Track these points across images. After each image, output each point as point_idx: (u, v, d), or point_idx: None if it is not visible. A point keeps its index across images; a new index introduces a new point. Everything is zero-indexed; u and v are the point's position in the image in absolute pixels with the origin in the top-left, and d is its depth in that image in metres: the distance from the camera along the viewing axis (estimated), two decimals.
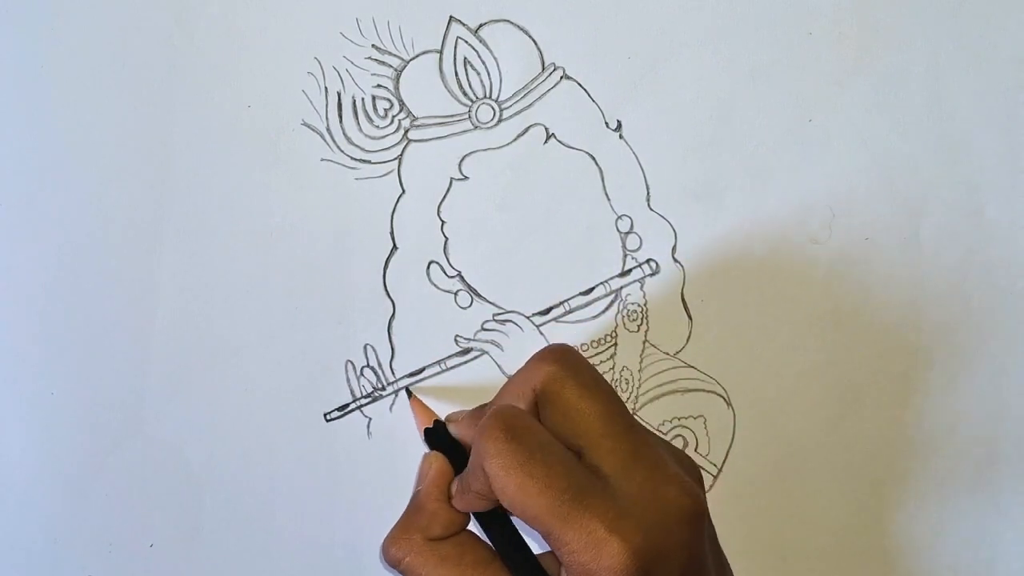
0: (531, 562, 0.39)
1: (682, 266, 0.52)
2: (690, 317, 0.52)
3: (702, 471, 0.44)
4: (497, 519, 0.41)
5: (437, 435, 0.45)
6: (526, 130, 0.51)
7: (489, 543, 0.41)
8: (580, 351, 0.49)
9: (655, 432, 0.50)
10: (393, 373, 0.51)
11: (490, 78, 0.51)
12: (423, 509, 0.41)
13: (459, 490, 0.41)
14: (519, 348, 0.51)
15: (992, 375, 0.52)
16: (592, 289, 0.51)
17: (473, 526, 0.42)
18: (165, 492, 0.51)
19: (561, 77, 0.51)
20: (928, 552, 0.53)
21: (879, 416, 0.52)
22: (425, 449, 0.45)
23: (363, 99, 0.50)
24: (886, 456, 0.52)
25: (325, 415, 0.51)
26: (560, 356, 0.39)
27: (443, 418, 0.46)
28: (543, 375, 0.39)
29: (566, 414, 0.38)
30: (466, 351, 0.51)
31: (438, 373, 0.51)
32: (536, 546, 0.41)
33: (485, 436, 0.37)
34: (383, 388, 0.51)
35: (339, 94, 0.50)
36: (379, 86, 0.50)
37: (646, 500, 0.36)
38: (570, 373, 0.39)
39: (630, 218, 0.51)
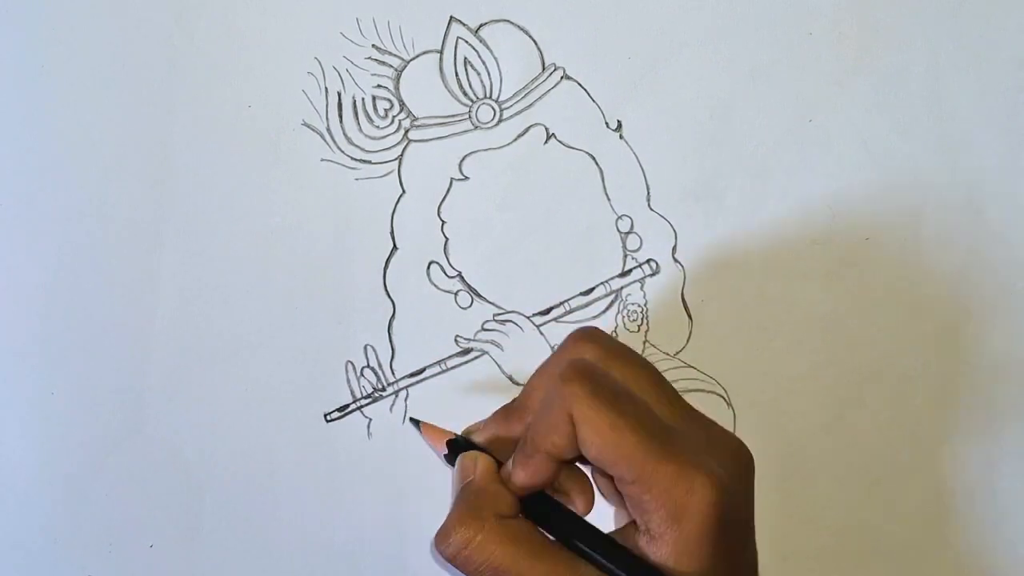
0: (604, 536, 0.38)
1: (682, 266, 0.52)
2: (690, 317, 0.52)
3: None
4: (553, 505, 0.40)
5: (462, 446, 0.44)
6: (526, 130, 0.51)
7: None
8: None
9: None
10: (393, 373, 0.51)
11: (490, 78, 0.51)
12: (485, 491, 0.40)
13: (520, 461, 0.40)
14: (519, 348, 0.51)
15: (992, 375, 0.52)
16: (592, 289, 0.51)
17: None
18: (165, 492, 0.51)
19: (561, 77, 0.51)
20: (929, 551, 0.53)
21: (879, 416, 0.52)
22: (449, 470, 0.44)
23: (363, 99, 0.50)
24: (886, 456, 0.52)
25: (325, 415, 0.51)
26: (596, 336, 0.40)
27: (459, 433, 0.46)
28: (588, 354, 0.39)
29: (620, 377, 0.39)
30: (466, 351, 0.51)
31: (438, 373, 0.51)
32: None
33: (570, 381, 0.37)
34: (383, 388, 0.51)
35: (339, 94, 0.50)
36: (379, 86, 0.50)
37: (714, 447, 0.38)
38: (611, 350, 0.39)
39: (630, 218, 0.51)
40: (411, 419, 0.50)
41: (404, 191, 0.51)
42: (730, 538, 0.36)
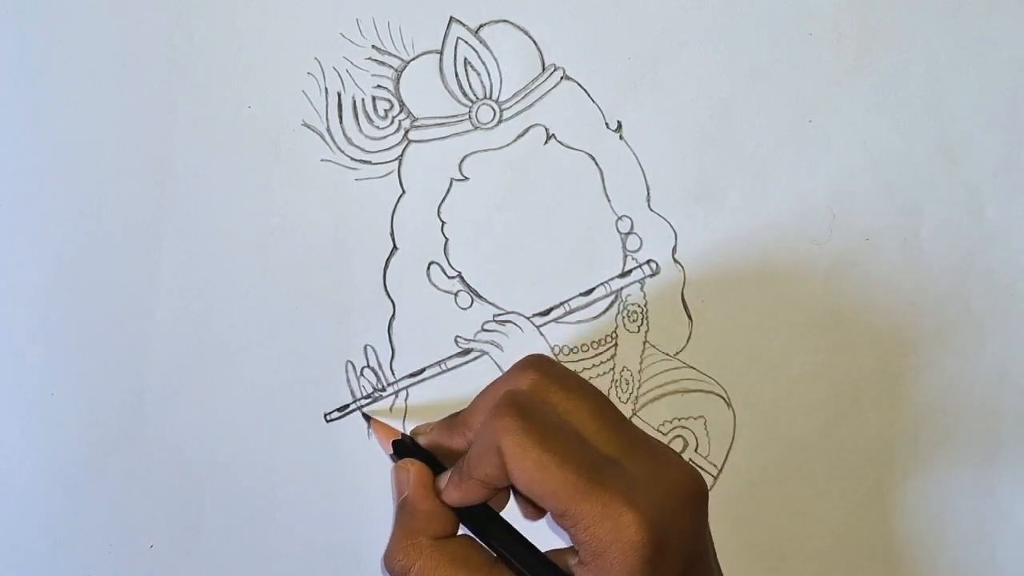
0: (538, 555, 0.39)
1: (682, 267, 0.52)
2: (690, 318, 0.52)
3: (702, 472, 0.44)
4: (491, 518, 0.41)
5: (406, 447, 0.45)
6: (526, 131, 0.51)
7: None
8: (561, 357, 0.50)
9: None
10: (393, 374, 0.51)
11: (490, 79, 0.51)
12: (418, 511, 0.41)
13: (454, 481, 0.40)
14: (519, 349, 0.51)
15: (992, 375, 0.52)
16: (592, 290, 0.51)
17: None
18: (165, 492, 0.51)
19: (561, 78, 0.51)
20: (928, 552, 0.53)
21: (879, 416, 0.52)
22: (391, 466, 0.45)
23: (363, 99, 0.50)
24: (886, 456, 0.52)
25: (325, 415, 0.51)
26: (539, 364, 0.40)
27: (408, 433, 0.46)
28: (527, 384, 0.39)
29: (559, 408, 0.38)
30: (466, 352, 0.51)
31: (438, 374, 0.51)
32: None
33: (500, 415, 0.37)
34: (383, 389, 0.51)
35: (339, 94, 0.50)
36: (379, 86, 0.50)
37: (653, 479, 0.37)
38: (553, 379, 0.39)
39: (630, 219, 0.51)
40: (363, 414, 0.50)
41: (404, 191, 0.51)
42: (659, 573, 0.35)
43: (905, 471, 0.52)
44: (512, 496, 0.43)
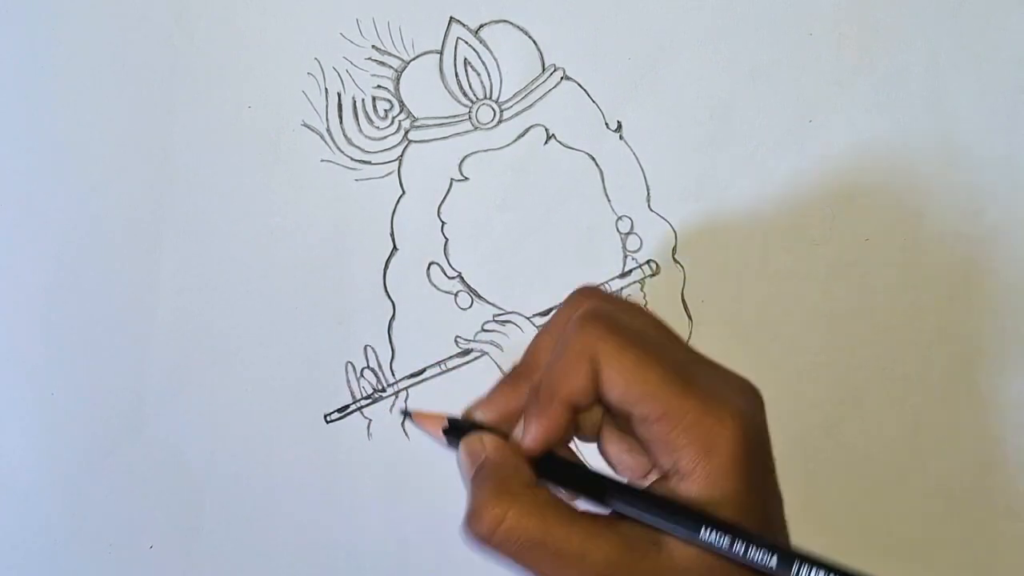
0: (627, 487, 0.37)
1: (682, 266, 0.52)
2: (690, 317, 0.52)
3: None
4: (565, 465, 0.38)
5: (462, 428, 0.41)
6: (526, 131, 0.51)
7: None
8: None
9: None
10: (393, 374, 0.51)
11: (490, 79, 0.51)
12: (505, 463, 0.38)
13: (536, 413, 0.38)
14: (519, 349, 0.51)
15: (992, 375, 0.52)
16: None
17: None
18: (165, 492, 0.51)
19: (561, 78, 0.51)
20: (928, 552, 0.53)
21: (879, 416, 0.52)
22: (453, 453, 0.43)
23: (363, 100, 0.50)
24: (886, 456, 0.52)
25: (325, 416, 0.51)
26: (593, 291, 0.40)
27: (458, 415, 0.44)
28: (591, 304, 0.38)
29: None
30: (466, 352, 0.51)
31: (438, 374, 0.51)
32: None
33: (589, 324, 0.37)
34: (383, 389, 0.51)
35: (339, 95, 0.50)
36: (379, 87, 0.50)
37: (731, 384, 0.38)
38: (612, 300, 0.39)
39: (630, 219, 0.51)
40: (402, 411, 0.50)
41: (404, 192, 0.51)
42: (758, 470, 0.36)
43: (905, 471, 0.52)
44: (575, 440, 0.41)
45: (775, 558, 0.35)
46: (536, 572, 0.36)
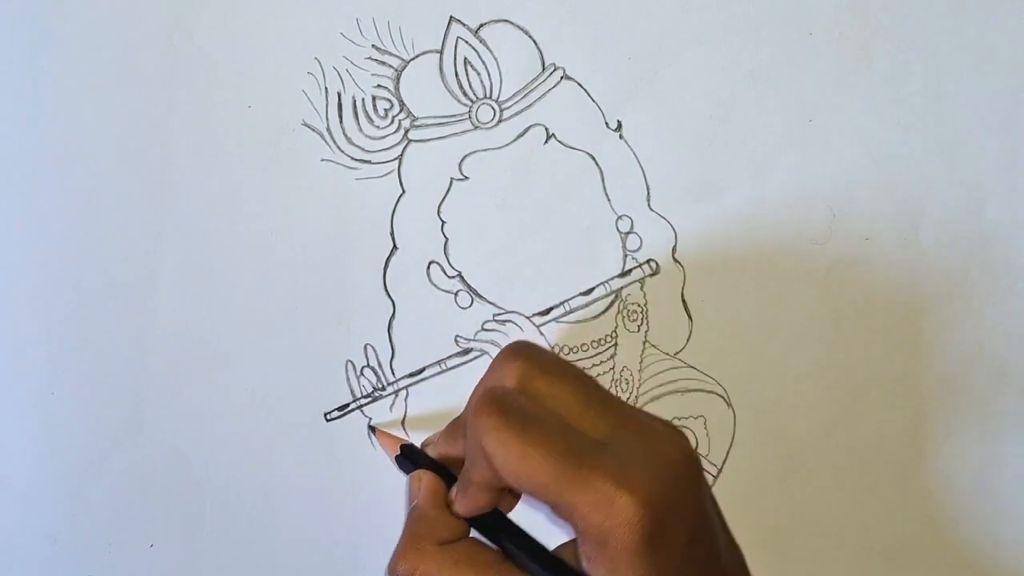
0: (546, 553, 0.39)
1: (682, 266, 0.52)
2: (690, 317, 0.52)
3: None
4: (501, 521, 0.40)
5: (412, 457, 0.45)
6: (526, 130, 0.51)
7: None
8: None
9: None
10: (393, 373, 0.51)
11: (490, 78, 0.51)
12: (425, 517, 0.40)
13: (459, 491, 0.40)
14: None
15: (992, 375, 0.52)
16: (592, 289, 0.51)
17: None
18: (165, 492, 0.51)
19: (561, 77, 0.51)
20: (928, 552, 0.53)
21: (879, 416, 0.52)
22: (402, 476, 0.45)
23: (363, 99, 0.50)
24: (886, 456, 0.52)
25: (325, 415, 0.51)
26: (520, 351, 0.39)
27: (418, 444, 0.46)
28: (514, 373, 0.38)
29: (540, 395, 0.38)
30: (466, 351, 0.51)
31: (438, 373, 0.51)
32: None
33: (478, 414, 0.37)
34: (383, 388, 0.51)
35: (339, 94, 0.50)
36: (379, 86, 0.50)
37: (643, 456, 0.36)
38: (535, 365, 0.39)
39: (630, 218, 0.51)
40: (369, 426, 0.50)
41: (404, 191, 0.51)
42: (675, 550, 0.35)
43: (905, 471, 0.52)
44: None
45: None
46: None
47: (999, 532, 0.53)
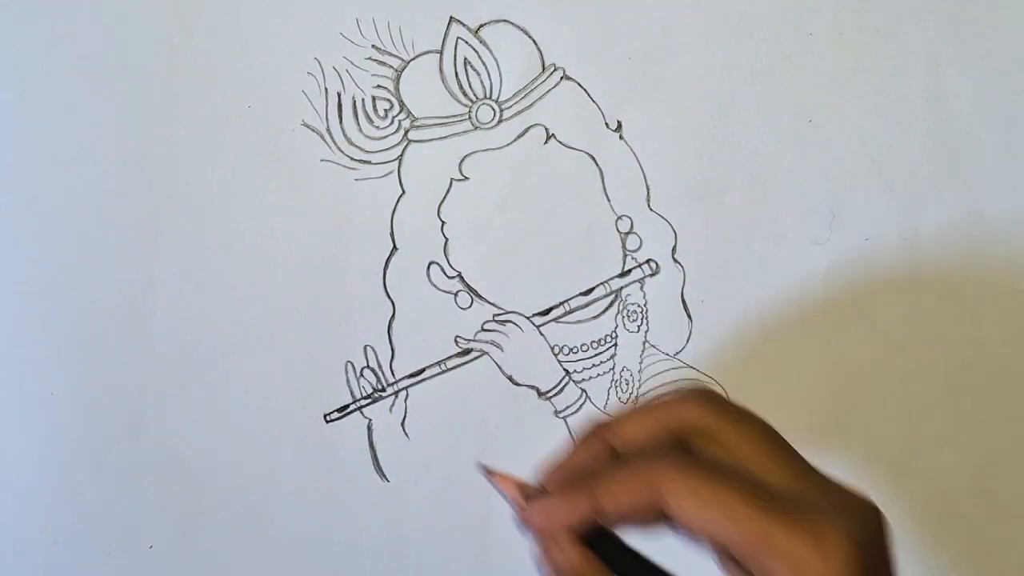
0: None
1: (682, 266, 0.52)
2: (690, 317, 0.52)
3: None
4: (614, 542, 0.36)
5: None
6: (526, 130, 0.51)
7: None
8: (561, 357, 0.49)
9: None
10: (393, 374, 0.51)
11: (490, 78, 0.51)
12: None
13: (554, 495, 0.36)
14: (519, 348, 0.51)
15: (991, 376, 0.52)
16: (592, 289, 0.51)
17: None
18: (165, 493, 0.51)
19: (561, 77, 0.51)
20: (927, 552, 0.53)
21: (879, 416, 0.52)
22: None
23: (363, 99, 0.50)
24: (886, 456, 0.52)
25: (325, 416, 0.51)
26: (706, 394, 0.37)
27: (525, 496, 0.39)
28: (692, 413, 0.36)
29: (727, 443, 0.36)
30: (466, 352, 0.51)
31: (438, 374, 0.51)
32: None
33: (663, 451, 0.34)
34: (383, 389, 0.51)
35: (339, 94, 0.50)
36: (379, 86, 0.50)
37: (838, 500, 0.34)
38: (722, 410, 0.36)
39: (630, 218, 0.51)
40: (481, 465, 0.42)
41: (404, 191, 0.51)
42: None
43: (905, 471, 0.52)
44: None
45: None
46: None
47: (999, 532, 0.53)
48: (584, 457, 0.37)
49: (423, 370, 0.51)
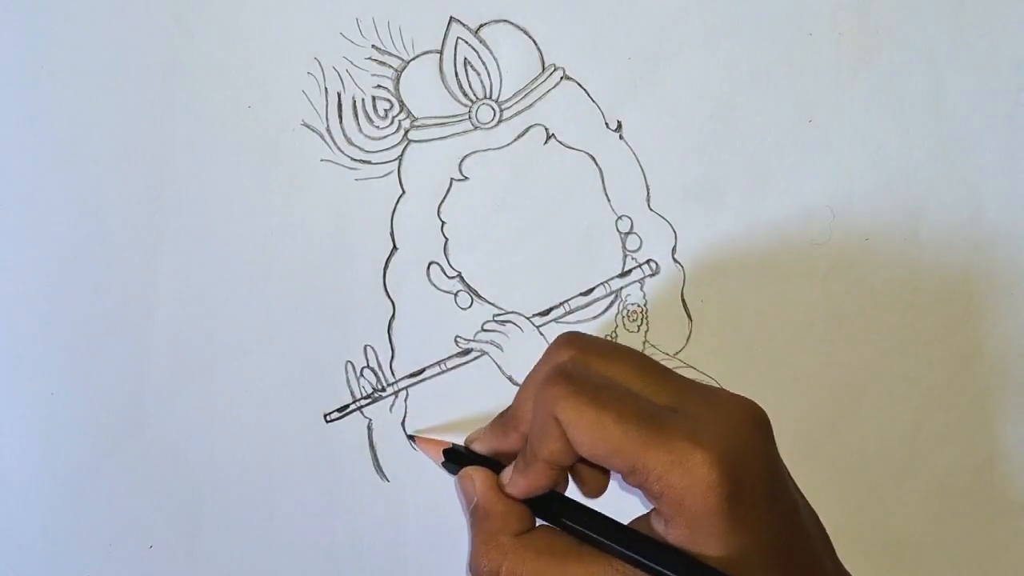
0: (621, 527, 0.38)
1: (682, 266, 0.52)
2: (690, 317, 0.52)
3: None
4: (564, 503, 0.40)
5: (458, 458, 0.44)
6: (526, 130, 0.51)
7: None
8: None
9: None
10: (393, 374, 0.51)
11: (490, 78, 0.51)
12: (492, 512, 0.40)
13: (519, 470, 0.40)
14: (519, 349, 0.51)
15: (991, 376, 0.52)
16: (592, 289, 0.51)
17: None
18: (165, 492, 0.51)
19: (561, 77, 0.51)
20: (928, 552, 0.53)
21: (879, 416, 0.52)
22: (451, 479, 0.45)
23: (363, 99, 0.50)
24: (886, 456, 0.52)
25: (325, 416, 0.51)
26: (573, 339, 0.40)
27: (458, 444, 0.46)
28: (567, 359, 0.39)
29: (601, 369, 0.38)
30: (466, 352, 0.51)
31: (438, 374, 0.51)
32: None
33: (550, 385, 0.37)
34: (383, 389, 0.51)
35: (339, 94, 0.50)
36: (379, 86, 0.50)
37: (713, 417, 0.36)
38: (590, 348, 0.39)
39: (630, 218, 0.51)
40: (408, 435, 0.50)
41: (404, 191, 0.51)
42: (753, 506, 0.35)
43: (905, 471, 0.52)
44: (570, 477, 0.42)
45: None
46: None
47: (999, 532, 0.53)
48: (499, 436, 0.43)
49: (423, 370, 0.51)
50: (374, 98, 0.51)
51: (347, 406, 0.51)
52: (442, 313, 0.51)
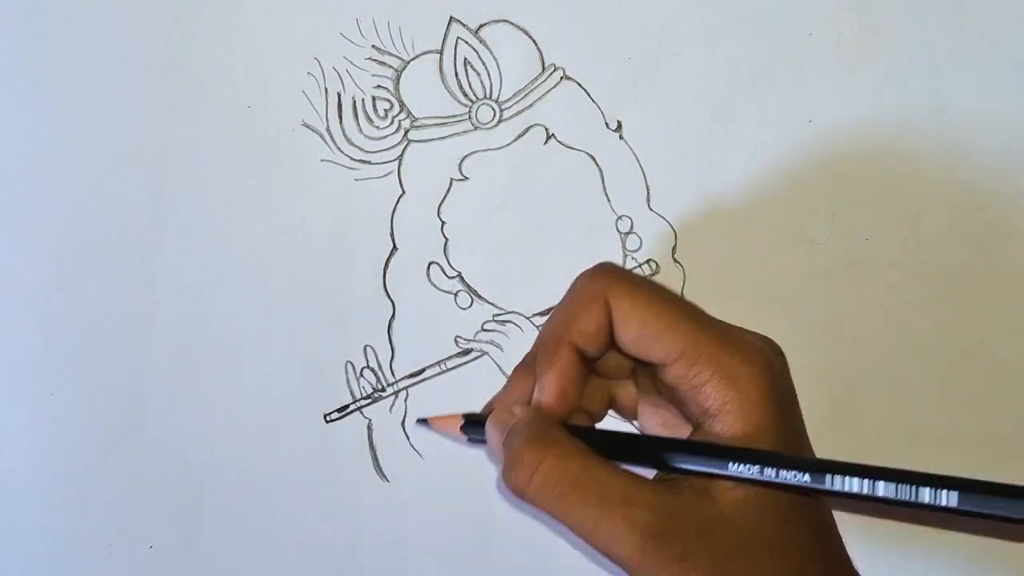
0: (654, 439, 0.38)
1: (682, 266, 0.52)
2: None
3: None
4: (594, 433, 0.38)
5: (479, 419, 0.40)
6: (526, 130, 0.51)
7: None
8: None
9: None
10: (393, 374, 0.51)
11: (490, 78, 0.51)
12: (535, 421, 0.36)
13: (545, 360, 0.38)
14: (519, 349, 0.51)
15: (991, 377, 0.52)
16: None
17: None
18: (165, 493, 0.51)
19: (561, 77, 0.51)
20: (928, 551, 0.53)
21: (879, 416, 0.52)
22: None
23: (363, 100, 0.50)
24: (886, 456, 0.52)
25: (325, 416, 0.51)
26: (607, 265, 0.39)
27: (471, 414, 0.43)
28: (602, 283, 0.38)
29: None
30: (466, 352, 0.51)
31: (438, 374, 0.51)
32: None
33: (602, 271, 0.38)
34: (383, 389, 0.51)
35: (339, 95, 0.50)
36: (379, 86, 0.50)
37: (751, 334, 0.38)
38: (624, 272, 0.39)
39: (630, 218, 0.51)
40: (418, 420, 0.48)
41: (404, 191, 0.51)
42: (785, 403, 0.36)
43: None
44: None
45: (807, 476, 0.35)
46: (577, 523, 0.34)
47: (999, 532, 0.52)
48: (524, 380, 0.39)
49: (423, 370, 0.51)
50: (374, 98, 0.51)
51: (347, 406, 0.51)
52: (442, 313, 0.51)
